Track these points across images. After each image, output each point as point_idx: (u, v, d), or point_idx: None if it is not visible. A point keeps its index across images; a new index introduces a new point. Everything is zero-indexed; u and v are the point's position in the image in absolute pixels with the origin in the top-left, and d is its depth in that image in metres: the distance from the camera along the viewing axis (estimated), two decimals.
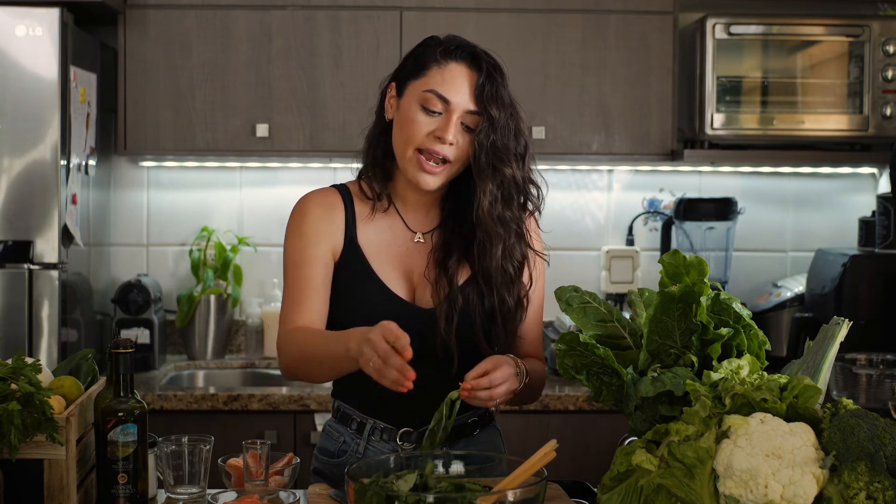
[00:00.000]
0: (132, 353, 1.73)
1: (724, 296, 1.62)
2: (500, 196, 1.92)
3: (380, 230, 2.00)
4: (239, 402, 3.07)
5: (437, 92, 1.89)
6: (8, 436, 1.57)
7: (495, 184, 1.91)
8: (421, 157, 1.90)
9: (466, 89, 1.89)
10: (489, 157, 1.89)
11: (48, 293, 3.04)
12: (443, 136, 1.88)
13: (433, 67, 1.91)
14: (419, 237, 2.01)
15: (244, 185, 3.72)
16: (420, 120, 1.90)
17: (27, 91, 3.01)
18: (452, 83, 1.89)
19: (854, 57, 3.45)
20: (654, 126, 3.46)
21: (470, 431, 2.02)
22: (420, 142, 1.90)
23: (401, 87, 1.96)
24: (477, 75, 1.90)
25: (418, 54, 1.96)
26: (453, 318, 1.92)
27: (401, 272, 1.99)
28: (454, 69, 1.90)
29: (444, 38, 1.96)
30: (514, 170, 1.92)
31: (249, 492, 1.75)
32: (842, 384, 2.71)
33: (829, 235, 3.82)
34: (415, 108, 1.91)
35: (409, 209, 2.02)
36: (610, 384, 1.62)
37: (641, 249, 3.79)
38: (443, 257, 1.98)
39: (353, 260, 1.97)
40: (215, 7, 3.37)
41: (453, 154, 1.90)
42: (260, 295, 3.70)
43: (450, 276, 1.95)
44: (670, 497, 1.45)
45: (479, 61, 1.91)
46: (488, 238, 1.93)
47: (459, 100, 1.89)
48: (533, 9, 3.42)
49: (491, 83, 1.89)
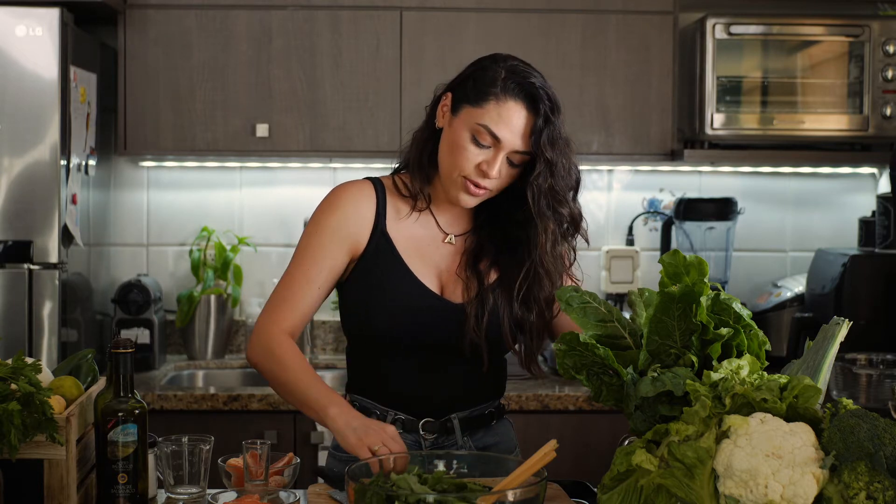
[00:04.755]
0: (132, 353, 1.73)
1: (724, 296, 1.62)
2: (558, 236, 1.97)
3: (411, 227, 2.02)
4: (239, 402, 3.07)
5: (490, 129, 1.89)
6: (8, 436, 1.57)
7: (556, 223, 1.96)
8: (467, 182, 1.93)
9: (520, 130, 1.89)
10: (549, 200, 1.93)
11: (48, 293, 3.04)
12: (488, 171, 1.90)
13: (491, 101, 1.89)
14: (451, 238, 2.04)
15: (244, 185, 3.72)
16: (470, 149, 1.91)
17: (27, 91, 3.01)
18: (508, 123, 1.89)
19: (854, 57, 3.45)
20: (654, 126, 3.46)
21: (488, 422, 2.06)
22: (466, 171, 1.92)
23: (456, 105, 1.94)
24: (534, 118, 1.90)
25: (478, 78, 1.93)
26: (483, 317, 1.96)
27: (431, 268, 2.01)
28: (512, 108, 1.89)
29: (507, 67, 1.93)
30: (570, 207, 1.96)
31: (249, 492, 1.75)
32: (842, 384, 2.71)
33: (829, 235, 3.82)
34: (466, 136, 1.91)
35: (444, 211, 2.05)
36: (610, 384, 1.62)
37: (641, 249, 3.79)
38: (474, 259, 2.01)
39: (385, 250, 1.99)
40: (215, 7, 3.37)
41: (494, 185, 1.94)
42: (260, 295, 3.70)
43: (480, 277, 1.99)
44: (670, 497, 1.45)
45: (538, 103, 1.90)
46: (547, 275, 1.97)
47: (511, 139, 1.89)
48: (533, 9, 3.42)
49: (549, 127, 1.90)
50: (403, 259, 1.98)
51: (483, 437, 2.05)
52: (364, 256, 1.99)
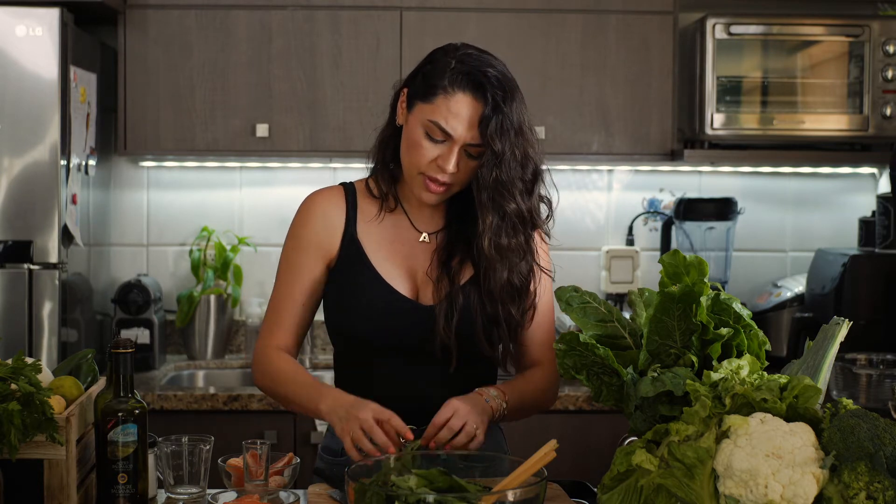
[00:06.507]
0: (132, 353, 1.73)
1: (724, 296, 1.62)
2: (503, 229, 1.90)
3: (384, 228, 2.01)
4: (239, 402, 3.07)
5: (439, 125, 1.86)
6: (8, 436, 1.57)
7: (497, 218, 1.90)
8: (426, 178, 1.90)
9: (470, 122, 1.86)
10: (490, 192, 1.88)
11: (48, 293, 3.04)
12: (444, 166, 1.88)
13: (440, 96, 1.86)
14: (424, 237, 2.02)
15: (244, 185, 3.72)
16: (424, 146, 1.88)
17: (27, 91, 3.01)
18: (457, 116, 1.85)
19: (854, 57, 3.45)
20: (654, 126, 3.46)
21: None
22: (423, 168, 1.90)
23: (410, 102, 1.93)
24: (482, 107, 1.85)
25: (428, 73, 1.90)
26: (453, 317, 1.93)
27: (404, 270, 1.99)
28: (460, 101, 1.86)
29: (456, 57, 1.89)
30: (518, 202, 1.89)
31: (249, 492, 1.75)
32: (842, 384, 2.71)
33: (829, 235, 3.81)
34: (420, 133, 1.89)
35: (415, 209, 2.03)
36: (610, 384, 1.62)
37: (641, 249, 3.79)
38: (446, 257, 1.98)
39: (353, 256, 1.99)
40: (215, 7, 3.37)
41: (454, 179, 1.90)
42: (260, 295, 3.70)
43: (451, 275, 1.96)
44: (670, 497, 1.45)
45: (486, 92, 1.85)
46: (491, 266, 1.92)
47: (462, 133, 1.86)
48: (533, 9, 3.42)
49: (497, 115, 1.84)
50: (373, 264, 1.97)
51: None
52: (337, 264, 2.00)
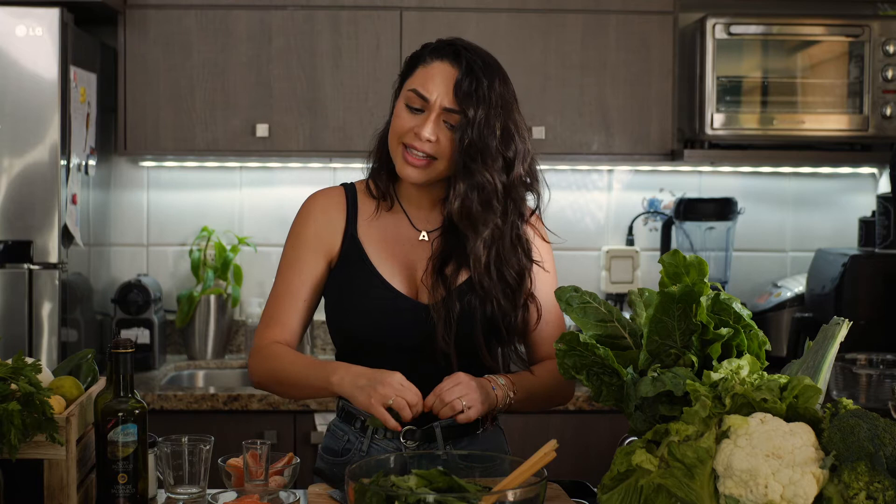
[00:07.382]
0: (132, 353, 1.73)
1: (724, 296, 1.62)
2: (474, 199, 1.90)
3: (384, 227, 2.03)
4: (239, 402, 3.07)
5: (416, 90, 1.92)
6: (8, 436, 1.57)
7: (468, 184, 1.90)
8: (406, 151, 1.93)
9: (446, 86, 1.91)
10: (462, 156, 1.90)
11: (48, 293, 3.04)
12: (420, 132, 1.91)
13: (419, 67, 1.95)
14: (424, 235, 2.03)
15: (244, 185, 3.72)
16: (404, 116, 1.94)
17: (27, 91, 3.01)
18: (433, 80, 1.92)
19: (854, 57, 3.45)
20: (654, 126, 3.46)
21: (472, 430, 2.01)
22: (403, 137, 1.93)
23: (398, 88, 2.00)
24: (458, 72, 1.91)
25: (414, 55, 1.99)
26: (451, 323, 1.93)
27: (404, 269, 2.00)
28: (436, 67, 1.93)
29: (439, 40, 1.99)
30: (492, 173, 1.90)
31: (249, 492, 1.75)
32: (842, 384, 2.71)
33: (829, 235, 3.82)
34: (401, 105, 1.95)
35: (414, 207, 2.04)
36: (610, 384, 1.62)
37: (641, 249, 3.79)
38: (441, 261, 1.98)
39: (353, 255, 2.00)
40: (215, 7, 3.37)
41: (433, 150, 1.92)
42: (260, 295, 3.70)
43: (447, 280, 1.96)
44: (670, 497, 1.45)
45: (461, 58, 1.92)
46: (466, 238, 1.93)
47: (437, 97, 1.91)
48: (533, 9, 3.42)
49: (471, 80, 1.90)
50: (373, 262, 1.99)
51: (467, 446, 1.99)
52: (338, 263, 2.01)
